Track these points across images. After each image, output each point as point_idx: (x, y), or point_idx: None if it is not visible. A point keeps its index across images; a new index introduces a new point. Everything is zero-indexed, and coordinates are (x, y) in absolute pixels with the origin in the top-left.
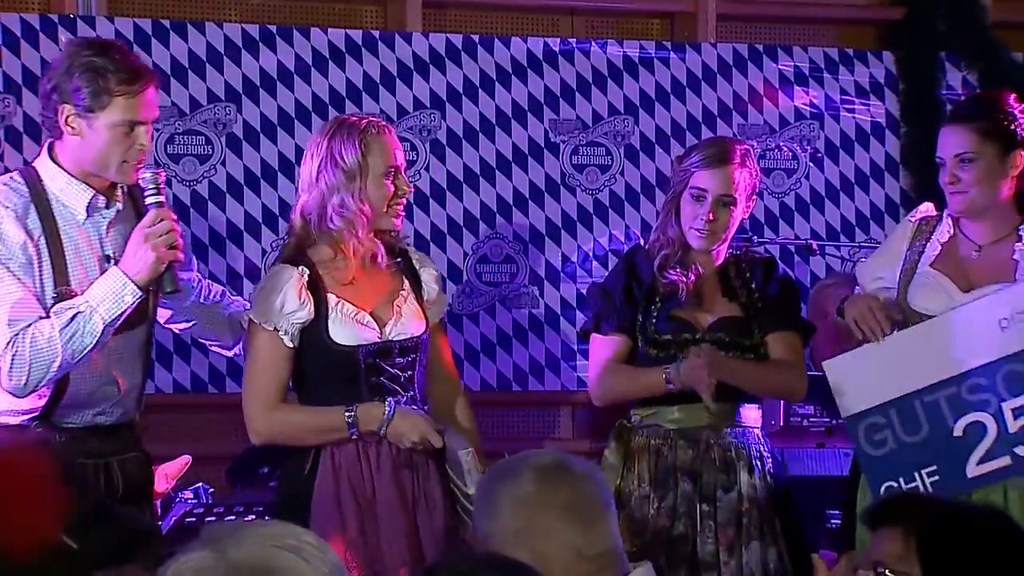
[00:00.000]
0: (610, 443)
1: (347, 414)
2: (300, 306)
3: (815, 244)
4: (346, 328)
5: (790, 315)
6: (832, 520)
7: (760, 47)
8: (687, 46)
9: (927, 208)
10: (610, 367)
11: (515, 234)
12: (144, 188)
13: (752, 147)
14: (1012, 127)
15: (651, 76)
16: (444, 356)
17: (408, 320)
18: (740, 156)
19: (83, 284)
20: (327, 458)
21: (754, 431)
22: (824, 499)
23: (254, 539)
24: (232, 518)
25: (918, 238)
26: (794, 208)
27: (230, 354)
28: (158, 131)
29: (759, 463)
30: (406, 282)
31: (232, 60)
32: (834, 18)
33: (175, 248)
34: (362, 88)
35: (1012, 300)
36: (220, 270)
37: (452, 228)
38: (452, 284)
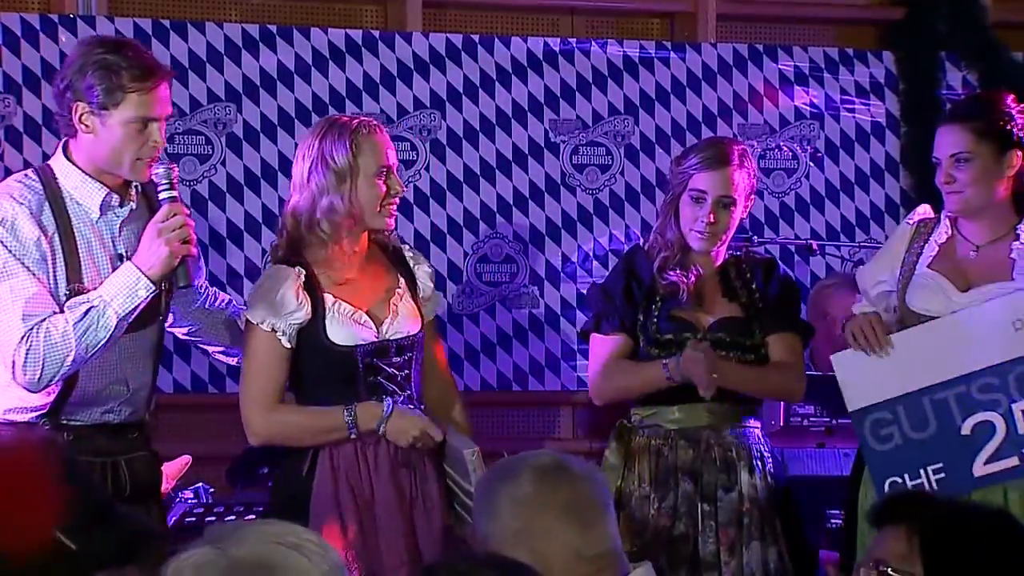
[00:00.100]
0: (610, 443)
1: (346, 414)
2: (298, 306)
3: (815, 244)
4: (343, 328)
5: (790, 316)
6: (832, 520)
7: (760, 47)
8: (687, 46)
9: (924, 210)
10: (610, 366)
11: (515, 234)
12: (157, 183)
13: (752, 147)
14: (1008, 127)
15: (651, 76)
16: (438, 355)
17: (404, 319)
18: (738, 156)
19: (95, 282)
20: (325, 459)
21: (754, 431)
22: (824, 499)
23: (256, 537)
24: (232, 518)
25: (916, 240)
26: (794, 208)
27: (233, 361)
28: None
29: (759, 463)
30: (402, 280)
31: (232, 60)
32: (834, 18)
33: (188, 243)
34: (362, 88)
35: None
36: (220, 270)
37: (452, 228)
38: (452, 284)
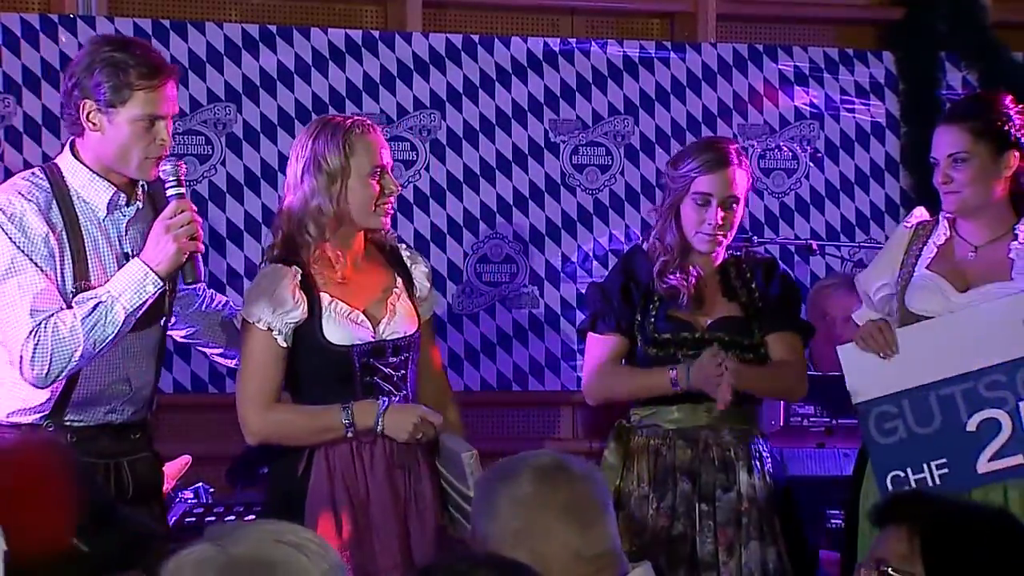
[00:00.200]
0: (609, 443)
1: (343, 413)
2: (294, 306)
3: (815, 244)
4: (340, 328)
5: (791, 316)
6: (832, 520)
7: (760, 47)
8: (687, 46)
9: (920, 213)
10: (606, 367)
11: (515, 234)
12: (165, 180)
13: (752, 147)
14: (1006, 127)
15: (651, 76)
16: (434, 355)
17: (401, 319)
18: (736, 156)
19: (101, 280)
20: (321, 458)
21: (753, 431)
22: (824, 499)
23: (255, 535)
24: (232, 518)
25: (915, 242)
26: (794, 208)
27: (232, 363)
28: None
29: (758, 463)
30: (399, 280)
31: (232, 60)
32: (834, 18)
33: (196, 239)
34: (362, 88)
35: None
36: (220, 270)
37: (452, 228)
38: (452, 284)
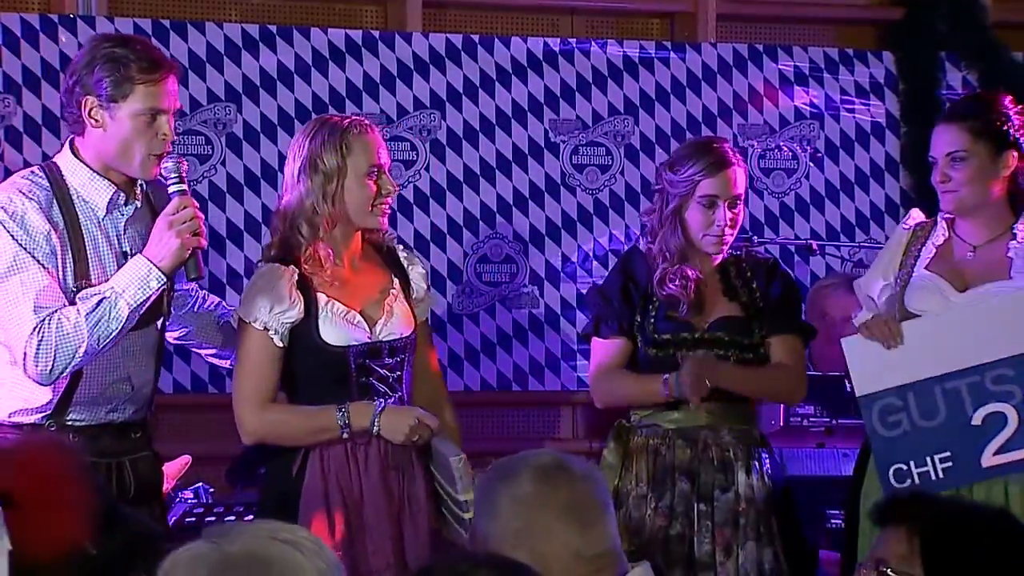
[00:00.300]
0: (609, 443)
1: (339, 413)
2: (290, 305)
3: (815, 244)
4: (336, 328)
5: (792, 317)
6: (832, 520)
7: (760, 47)
8: (687, 46)
9: (917, 214)
10: (610, 371)
11: (515, 234)
12: (167, 177)
13: (752, 147)
14: (1005, 127)
15: (651, 76)
16: (430, 357)
17: (398, 320)
18: (734, 155)
19: (101, 279)
20: (316, 459)
21: (752, 431)
22: (824, 499)
23: (250, 533)
24: (232, 518)
25: (914, 243)
26: (794, 208)
27: (226, 363)
28: None
29: (757, 463)
30: (395, 280)
31: (232, 60)
32: (834, 18)
33: (199, 235)
34: (362, 88)
35: None
36: (220, 270)
37: (452, 228)
38: (452, 284)
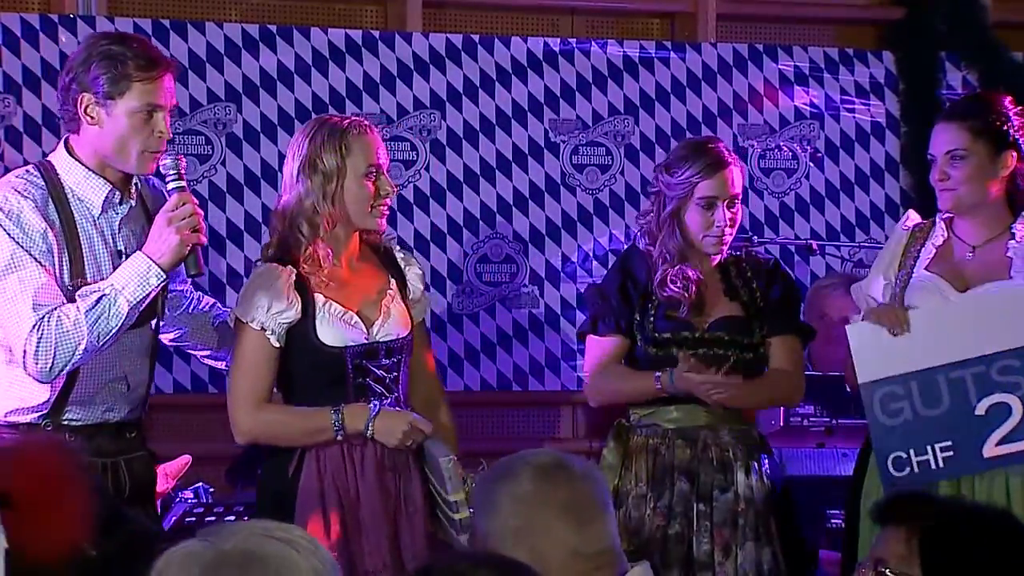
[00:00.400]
0: (608, 442)
1: (333, 415)
2: (288, 306)
3: (815, 244)
4: (333, 328)
5: (792, 318)
6: (832, 520)
7: (760, 47)
8: (687, 46)
9: (914, 216)
10: (604, 368)
11: (515, 234)
12: (165, 174)
13: (751, 147)
14: (1004, 127)
15: (651, 76)
16: (425, 357)
17: (395, 321)
18: (730, 154)
19: (96, 278)
20: (312, 459)
21: (751, 431)
22: (824, 499)
23: (246, 531)
24: (232, 518)
25: (913, 244)
26: (794, 208)
27: (221, 365)
28: None
29: (756, 464)
30: (392, 282)
31: (232, 60)
32: (834, 18)
33: (198, 231)
34: (362, 88)
35: None
36: (220, 270)
37: (452, 228)
38: (452, 284)
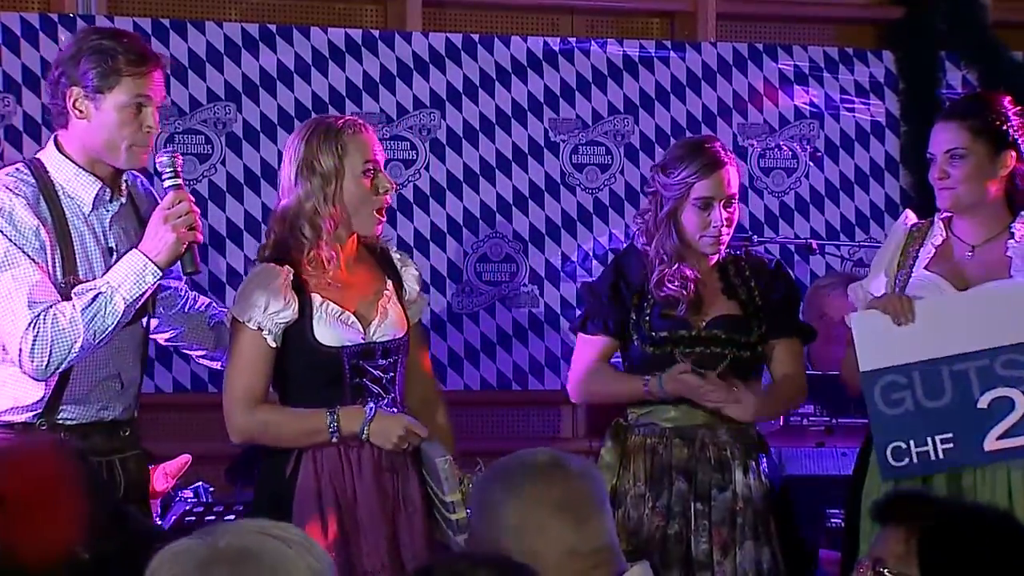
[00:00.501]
0: (606, 442)
1: (329, 417)
2: (285, 306)
3: (815, 243)
4: (330, 328)
5: (795, 321)
6: (832, 520)
7: (760, 46)
8: (687, 45)
9: (911, 215)
10: (591, 368)
11: (515, 233)
12: (162, 171)
13: (751, 146)
14: (1004, 127)
15: (651, 75)
16: (422, 358)
17: (392, 321)
18: (726, 154)
19: (88, 275)
20: (309, 460)
21: (750, 430)
22: (823, 499)
23: (240, 528)
24: (232, 517)
25: (911, 244)
26: (794, 207)
27: (216, 365)
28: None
29: (754, 463)
30: (389, 282)
31: (232, 59)
32: (834, 17)
33: (194, 229)
34: (362, 87)
35: None
36: (220, 270)
37: (452, 227)
38: (452, 283)
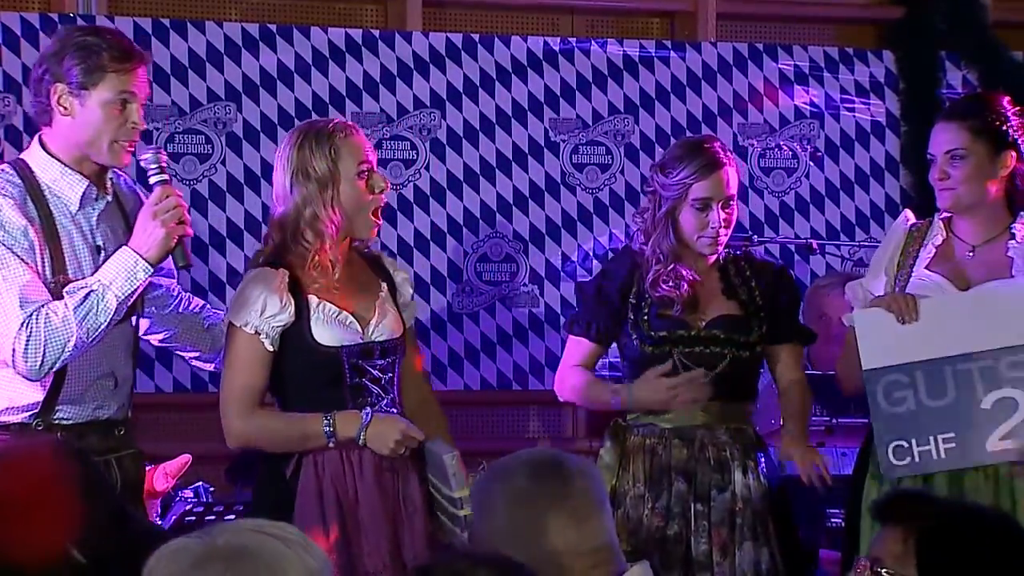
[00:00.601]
0: (605, 442)
1: (325, 421)
2: (281, 308)
3: (815, 243)
4: (329, 328)
5: (797, 325)
6: (832, 520)
7: (760, 46)
8: (687, 45)
9: (910, 216)
10: (572, 369)
11: (515, 233)
12: (147, 168)
13: (751, 146)
14: (1004, 127)
15: (651, 75)
16: (415, 360)
17: (389, 321)
18: (725, 154)
19: (78, 274)
20: (310, 461)
21: (749, 430)
22: (824, 498)
23: (237, 527)
24: (232, 517)
25: (911, 244)
26: (794, 207)
27: (210, 367)
28: (158, 130)
29: (753, 463)
30: (383, 284)
31: (232, 59)
32: (834, 17)
33: (183, 223)
34: (362, 87)
35: None
36: (220, 269)
37: (452, 227)
38: (452, 283)
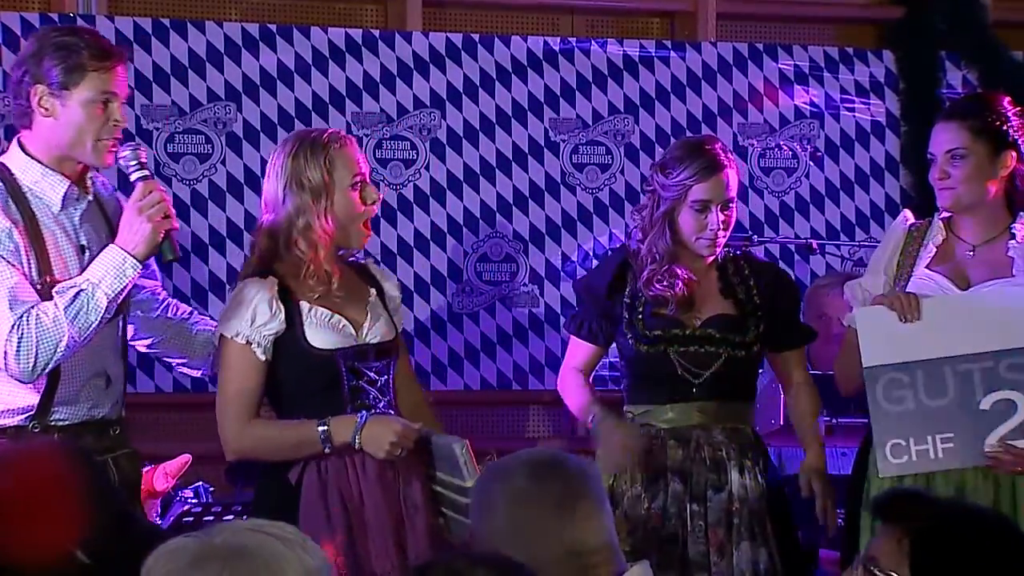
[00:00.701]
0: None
1: (320, 427)
2: (272, 317)
3: (815, 243)
4: (323, 332)
5: (798, 327)
6: None
7: (760, 46)
8: (687, 45)
9: (909, 216)
10: (568, 371)
11: (515, 233)
12: (127, 165)
13: (751, 146)
14: (1004, 127)
15: (651, 75)
16: (406, 364)
17: (382, 324)
18: (725, 156)
19: (64, 275)
20: (313, 464)
21: (746, 430)
22: None
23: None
24: (231, 517)
25: (911, 244)
26: (794, 207)
27: (197, 374)
28: (158, 130)
29: (749, 463)
30: (372, 290)
31: (232, 59)
32: (834, 17)
33: (169, 217)
34: (362, 87)
35: None
36: (220, 269)
37: (452, 227)
38: (452, 283)
